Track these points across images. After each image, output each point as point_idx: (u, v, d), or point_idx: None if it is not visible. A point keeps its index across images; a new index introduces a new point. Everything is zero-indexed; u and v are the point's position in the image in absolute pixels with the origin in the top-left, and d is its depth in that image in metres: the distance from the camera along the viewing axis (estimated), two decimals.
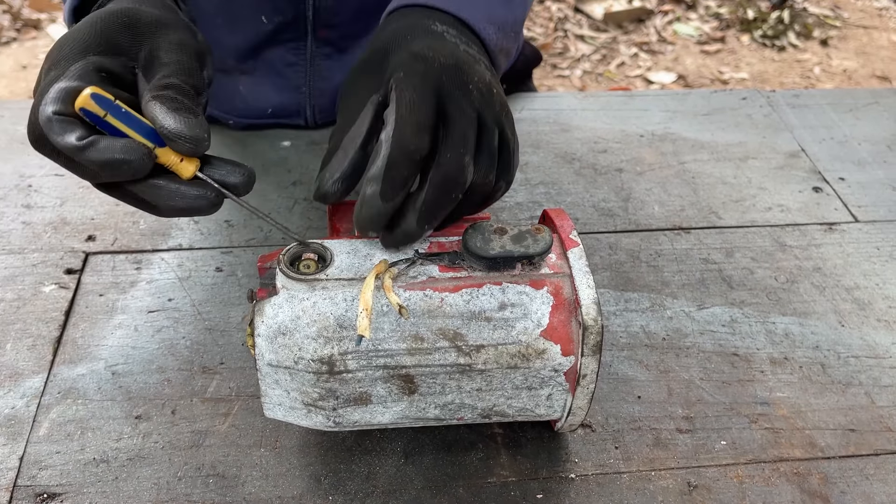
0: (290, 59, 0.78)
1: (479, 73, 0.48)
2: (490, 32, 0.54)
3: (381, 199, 0.43)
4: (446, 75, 0.46)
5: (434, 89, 0.46)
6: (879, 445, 0.55)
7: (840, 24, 2.78)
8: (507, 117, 0.49)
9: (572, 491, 0.51)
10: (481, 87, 0.47)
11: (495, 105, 0.48)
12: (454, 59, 0.48)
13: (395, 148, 0.43)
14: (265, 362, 0.46)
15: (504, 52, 0.56)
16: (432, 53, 0.48)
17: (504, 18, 0.56)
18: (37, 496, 0.50)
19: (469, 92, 0.46)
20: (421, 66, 0.47)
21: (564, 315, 0.46)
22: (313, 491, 0.51)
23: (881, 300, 0.66)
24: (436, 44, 0.49)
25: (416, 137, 0.43)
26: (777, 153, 0.83)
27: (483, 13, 0.54)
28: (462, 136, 0.45)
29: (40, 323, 0.61)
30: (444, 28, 0.51)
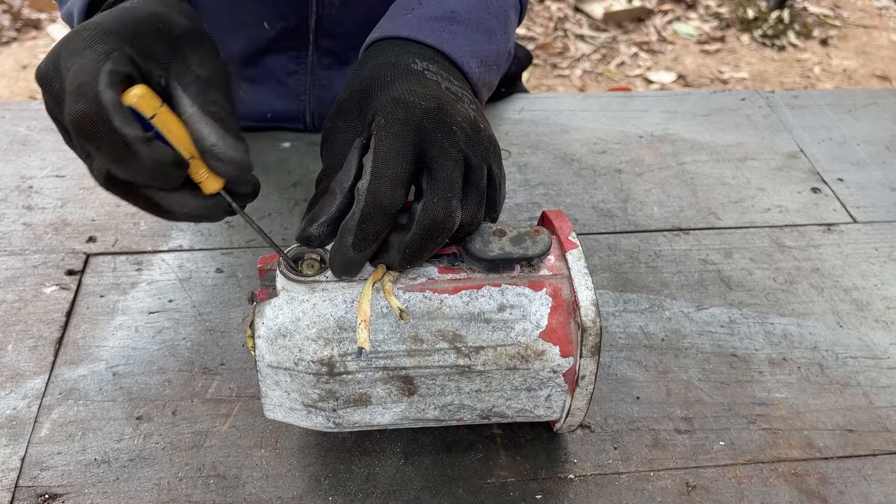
0: (292, 67, 0.78)
1: (462, 112, 0.47)
2: (473, 67, 0.53)
3: (354, 251, 0.43)
4: (428, 119, 0.45)
5: (414, 137, 0.44)
6: (877, 446, 0.55)
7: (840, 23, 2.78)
8: (494, 153, 0.48)
9: (571, 491, 0.52)
10: (465, 127, 0.46)
11: (482, 143, 0.47)
12: (436, 100, 0.46)
13: (369, 202, 0.42)
14: (265, 363, 0.46)
15: (487, 85, 0.55)
16: (413, 98, 0.46)
17: (486, 52, 0.55)
18: (38, 497, 0.50)
19: (453, 133, 0.45)
20: (402, 112, 0.45)
21: (563, 316, 0.47)
22: (313, 491, 0.51)
23: (879, 301, 0.67)
24: (416, 86, 0.47)
25: (390, 192, 0.43)
26: (776, 154, 0.83)
27: (466, 48, 0.53)
28: (448, 179, 0.44)
29: (41, 324, 0.61)
30: (425, 65, 0.50)
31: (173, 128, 0.41)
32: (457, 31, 0.53)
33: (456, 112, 0.47)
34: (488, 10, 0.56)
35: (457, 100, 0.48)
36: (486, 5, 0.56)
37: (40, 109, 0.84)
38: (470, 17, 0.54)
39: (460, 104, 0.48)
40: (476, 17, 0.55)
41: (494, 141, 0.49)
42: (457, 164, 0.45)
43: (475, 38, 0.54)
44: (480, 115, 0.50)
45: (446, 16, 0.53)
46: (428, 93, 0.47)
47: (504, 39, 0.58)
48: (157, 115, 0.40)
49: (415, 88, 0.47)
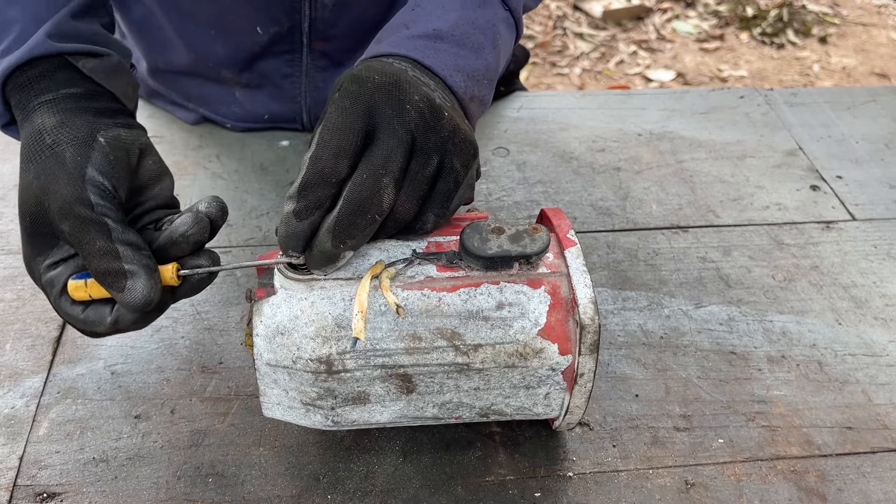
0: (286, 70, 0.78)
1: (422, 93, 0.46)
2: (458, 80, 0.52)
3: (296, 218, 0.43)
4: (380, 93, 0.45)
5: (364, 110, 0.44)
6: (876, 443, 0.55)
7: (839, 21, 2.78)
8: (457, 146, 0.46)
9: (570, 489, 0.51)
10: (422, 108, 0.45)
11: (439, 130, 0.46)
12: (393, 77, 0.46)
13: (310, 169, 0.43)
14: (263, 362, 0.46)
15: (476, 99, 0.54)
16: (369, 73, 0.46)
17: (474, 67, 0.54)
18: (36, 495, 0.50)
19: (404, 111, 0.45)
20: (355, 86, 0.45)
21: (562, 314, 0.47)
22: (312, 490, 0.51)
23: (878, 298, 0.67)
24: (379, 65, 0.47)
25: (332, 161, 0.43)
26: (775, 152, 0.83)
27: (450, 63, 0.52)
28: (384, 156, 0.43)
29: (40, 323, 0.61)
30: (396, 61, 0.49)
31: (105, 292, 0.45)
32: (440, 48, 0.53)
33: (414, 91, 0.45)
34: (474, 26, 0.56)
35: (420, 83, 0.47)
36: (472, 21, 0.56)
37: None
38: (454, 34, 0.54)
39: (423, 86, 0.47)
40: (461, 34, 0.54)
41: (463, 136, 0.47)
42: (400, 143, 0.44)
43: (460, 53, 0.53)
44: (452, 109, 0.48)
45: (430, 34, 0.53)
46: (387, 70, 0.46)
47: (493, 54, 0.56)
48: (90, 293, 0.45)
49: (376, 66, 0.47)
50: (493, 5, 0.58)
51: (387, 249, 0.48)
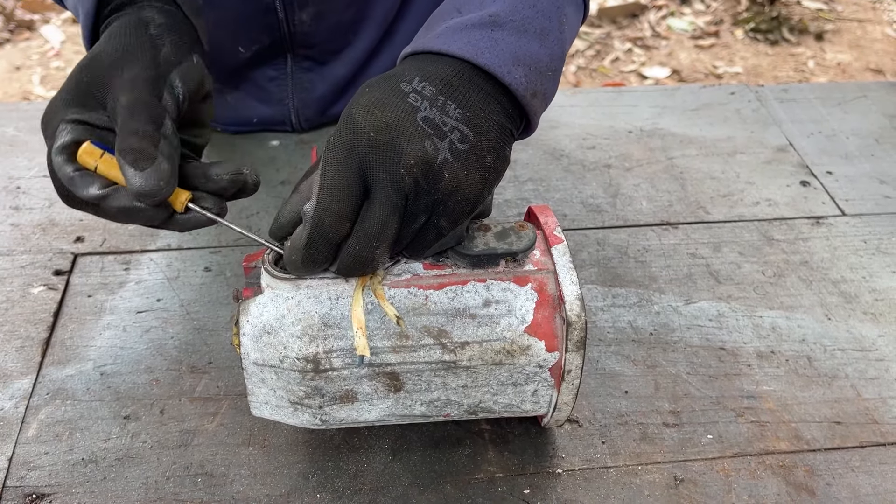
0: (272, 74, 0.79)
1: (417, 153, 0.42)
2: (518, 75, 0.46)
3: (303, 267, 0.45)
4: (374, 154, 0.42)
5: (359, 168, 0.42)
6: (865, 437, 0.55)
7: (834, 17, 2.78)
8: (450, 208, 0.44)
9: (559, 486, 0.52)
10: (416, 174, 0.42)
11: (433, 193, 0.43)
12: (390, 133, 0.42)
13: (315, 231, 0.43)
14: (251, 361, 0.46)
15: (540, 95, 0.48)
16: (364, 122, 0.43)
17: (537, 56, 0.48)
18: (26, 497, 0.50)
19: (398, 177, 0.42)
20: (349, 135, 0.43)
21: (548, 311, 0.47)
22: (301, 489, 0.51)
23: (867, 293, 0.67)
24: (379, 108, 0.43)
25: (335, 225, 0.43)
26: (765, 148, 0.83)
27: (508, 55, 0.46)
28: (379, 225, 0.43)
29: (29, 324, 0.61)
30: (422, 86, 0.44)
31: (113, 172, 0.46)
32: (498, 38, 0.47)
33: (411, 152, 0.42)
34: (535, 9, 0.49)
35: (425, 136, 0.43)
36: (533, 3, 0.49)
37: (28, 110, 0.84)
38: (514, 19, 0.48)
39: (426, 142, 0.43)
40: (522, 18, 0.48)
41: (461, 197, 0.44)
42: (395, 210, 0.43)
43: (522, 41, 0.47)
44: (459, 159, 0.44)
45: (485, 21, 0.47)
46: (386, 120, 0.43)
47: (559, 41, 0.50)
48: (98, 165, 0.46)
49: (375, 110, 0.43)
50: None
51: None
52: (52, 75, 2.26)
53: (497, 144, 0.45)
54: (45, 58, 2.34)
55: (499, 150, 0.45)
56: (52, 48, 2.38)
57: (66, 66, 2.29)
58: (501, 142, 0.46)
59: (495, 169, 0.45)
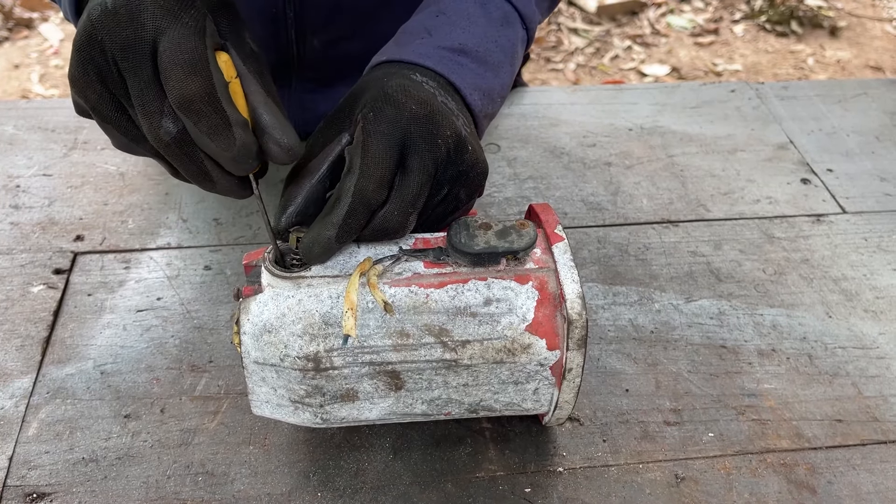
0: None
1: (452, 126, 0.47)
2: (476, 99, 0.53)
3: (336, 242, 0.45)
4: (416, 125, 0.45)
5: (401, 139, 0.45)
6: (866, 435, 0.55)
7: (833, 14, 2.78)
8: (471, 180, 0.48)
9: (560, 484, 0.51)
10: (450, 144, 0.46)
11: (459, 164, 0.47)
12: (428, 107, 0.46)
13: (357, 199, 0.44)
14: (251, 360, 0.46)
15: (488, 117, 0.55)
16: (404, 98, 0.46)
17: (491, 86, 0.54)
18: (26, 496, 0.50)
19: (436, 147, 0.46)
20: (391, 111, 0.46)
21: (549, 309, 0.47)
22: (302, 487, 0.51)
23: (868, 291, 0.67)
24: (411, 88, 0.47)
25: (376, 192, 0.44)
26: (765, 145, 0.83)
27: (471, 81, 0.53)
28: (415, 193, 0.45)
29: (29, 323, 0.61)
30: (424, 79, 0.49)
31: (239, 100, 0.42)
32: (464, 63, 0.53)
33: (446, 125, 0.46)
34: (496, 44, 0.55)
35: (450, 113, 0.47)
36: (495, 39, 0.56)
37: (27, 108, 0.84)
38: (478, 51, 0.54)
39: (453, 118, 0.47)
40: (484, 51, 0.54)
41: (480, 169, 0.48)
42: (429, 179, 0.46)
43: (481, 71, 0.54)
44: (473, 136, 0.49)
45: (454, 47, 0.53)
46: (421, 96, 0.47)
47: (509, 73, 0.57)
48: (231, 83, 0.42)
49: (409, 89, 0.47)
50: (514, 25, 0.58)
51: (373, 246, 0.48)
52: (51, 74, 2.26)
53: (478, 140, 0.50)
54: (44, 56, 2.34)
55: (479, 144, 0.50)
56: (51, 46, 2.37)
57: (64, 65, 2.29)
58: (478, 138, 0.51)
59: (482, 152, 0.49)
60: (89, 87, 0.43)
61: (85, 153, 0.78)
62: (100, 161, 0.77)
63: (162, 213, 0.71)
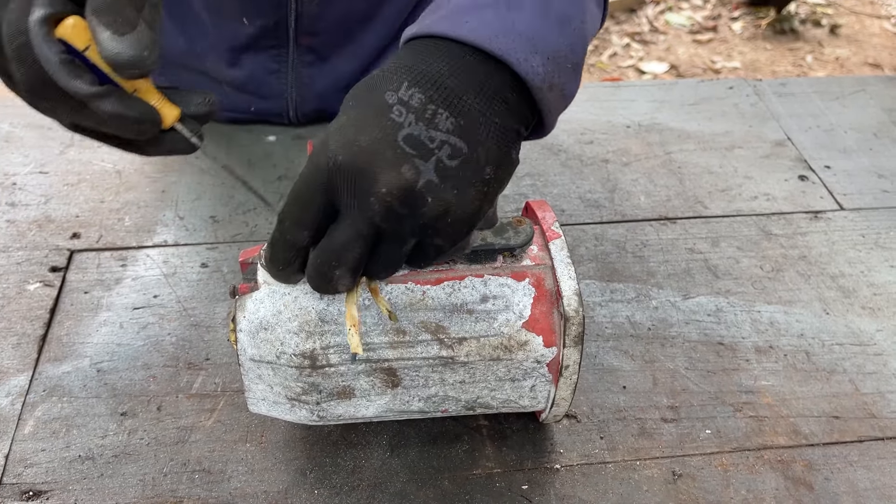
0: (273, 66, 0.78)
1: (393, 180, 0.38)
2: (536, 65, 0.41)
3: (271, 266, 0.43)
4: (341, 177, 0.38)
5: (324, 189, 0.39)
6: (863, 432, 0.55)
7: (832, 11, 2.78)
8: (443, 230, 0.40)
9: (557, 481, 0.51)
10: (389, 201, 0.38)
11: (417, 217, 0.39)
12: (362, 158, 0.38)
13: (277, 232, 0.41)
14: (247, 357, 0.46)
15: (557, 89, 0.42)
16: (335, 143, 0.39)
17: (557, 46, 0.42)
18: (22, 494, 0.50)
19: (366, 204, 0.38)
20: (320, 156, 0.39)
21: (546, 306, 0.46)
22: (299, 485, 0.51)
23: (866, 287, 0.67)
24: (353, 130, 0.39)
25: (292, 231, 0.41)
26: (763, 142, 0.83)
27: (525, 42, 0.41)
28: (339, 248, 0.40)
29: (25, 321, 0.61)
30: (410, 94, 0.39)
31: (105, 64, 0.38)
32: (515, 19, 0.41)
33: (384, 180, 0.38)
34: None
35: (404, 159, 0.38)
36: None
37: (24, 106, 0.83)
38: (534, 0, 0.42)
39: (404, 166, 0.38)
40: (542, 1, 0.42)
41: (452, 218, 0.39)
42: (359, 236, 0.39)
43: (540, 26, 0.41)
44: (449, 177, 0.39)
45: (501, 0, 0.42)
46: (359, 144, 0.38)
47: (580, 32, 0.44)
48: (90, 46, 0.38)
49: (349, 130, 0.39)
50: None
51: None
52: None
53: (499, 152, 0.41)
54: None
55: (501, 158, 0.41)
56: None
57: None
58: (505, 147, 0.41)
59: (497, 179, 0.41)
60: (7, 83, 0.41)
61: (81, 151, 0.78)
62: (96, 159, 0.77)
63: (158, 211, 0.71)
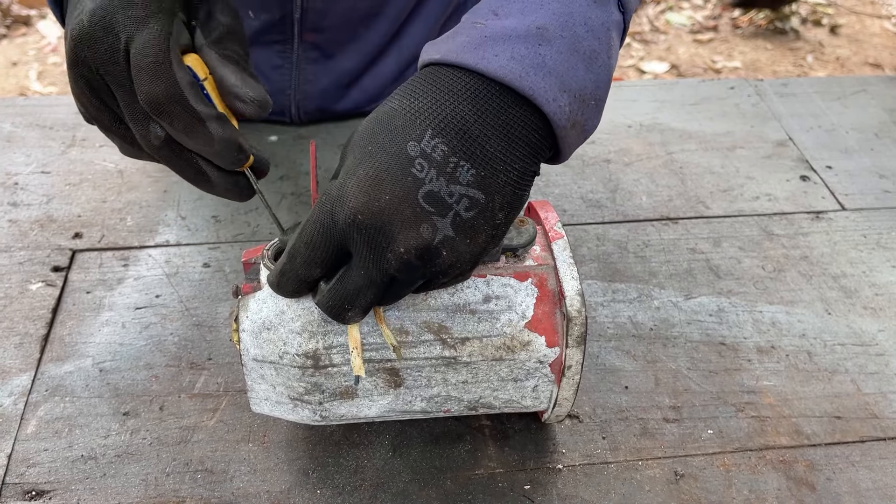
0: (276, 61, 0.78)
1: (411, 240, 0.38)
2: (563, 104, 0.40)
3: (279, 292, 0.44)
4: (359, 234, 0.39)
5: (339, 241, 0.40)
6: (865, 432, 0.55)
7: (833, 11, 2.78)
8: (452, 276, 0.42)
9: (559, 481, 0.51)
10: (406, 259, 0.39)
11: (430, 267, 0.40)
12: (382, 217, 0.38)
13: (288, 264, 0.42)
14: (250, 357, 0.46)
15: (579, 125, 0.42)
16: (354, 198, 0.38)
17: (583, 83, 0.41)
18: (25, 493, 0.50)
19: (384, 260, 0.39)
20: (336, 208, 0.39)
21: (549, 307, 0.47)
22: (301, 485, 0.51)
23: (867, 288, 0.67)
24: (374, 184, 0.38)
25: (302, 268, 0.41)
26: (765, 142, 0.83)
27: (555, 80, 0.40)
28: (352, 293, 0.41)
29: (27, 321, 0.61)
30: (434, 143, 0.39)
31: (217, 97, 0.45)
32: (546, 56, 0.40)
33: (402, 239, 0.38)
34: (587, 27, 0.41)
35: (423, 218, 0.38)
36: (584, 21, 0.41)
37: (26, 106, 0.84)
38: (564, 35, 0.40)
39: (423, 225, 0.38)
40: (572, 36, 0.41)
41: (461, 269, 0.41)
42: (373, 285, 0.40)
43: (570, 63, 0.40)
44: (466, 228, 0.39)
45: (531, 33, 0.40)
46: (379, 203, 0.38)
47: (606, 67, 0.43)
48: (207, 80, 0.44)
49: (369, 186, 0.38)
50: (607, 5, 0.43)
51: None
52: (49, 71, 2.26)
53: (513, 198, 0.41)
54: (41, 53, 2.34)
55: (514, 203, 0.41)
56: (49, 44, 2.37)
57: (62, 62, 2.28)
58: (520, 190, 0.41)
59: (507, 222, 0.42)
60: (87, 100, 0.45)
61: (83, 150, 0.78)
62: (98, 158, 0.77)
63: (160, 211, 0.71)
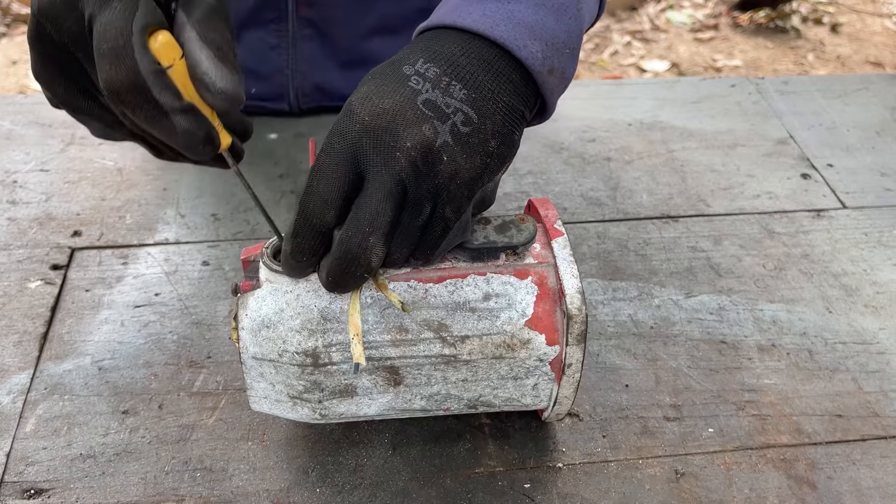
0: (272, 41, 0.79)
1: (416, 135, 0.40)
2: (534, 50, 0.44)
3: (293, 259, 0.43)
4: (368, 138, 0.40)
5: (351, 154, 0.40)
6: (866, 431, 0.55)
7: (833, 9, 2.77)
8: (452, 194, 0.42)
9: (559, 480, 0.51)
10: (414, 156, 0.40)
11: (434, 176, 0.41)
12: (385, 117, 0.41)
13: (300, 217, 0.41)
14: (249, 355, 0.46)
15: (557, 72, 0.46)
16: (361, 108, 0.41)
17: (553, 32, 0.46)
18: (24, 492, 0.50)
19: (393, 159, 0.40)
20: (344, 123, 0.41)
21: (549, 305, 0.46)
22: (301, 483, 0.51)
23: (869, 286, 0.66)
24: (377, 95, 0.41)
25: (319, 210, 0.41)
26: (766, 140, 0.83)
27: (524, 28, 0.45)
28: (372, 212, 0.40)
29: (26, 319, 0.61)
30: (426, 67, 0.43)
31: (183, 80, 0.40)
32: (514, 10, 0.45)
33: (408, 135, 0.40)
34: None
35: (424, 119, 0.41)
36: None
37: (25, 104, 0.84)
38: None
39: (425, 125, 0.41)
40: None
41: (461, 181, 0.42)
42: (390, 195, 0.40)
43: (539, 15, 0.45)
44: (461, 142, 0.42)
45: None
46: (382, 106, 0.41)
47: (576, 18, 0.47)
48: (174, 66, 0.40)
49: (372, 96, 0.42)
50: None
51: None
52: None
53: (503, 128, 0.43)
54: None
55: (505, 135, 0.44)
56: None
57: None
58: (509, 125, 0.44)
59: (499, 154, 0.43)
60: (53, 80, 0.42)
61: (82, 148, 0.78)
62: (97, 156, 0.77)
63: (160, 209, 0.71)
